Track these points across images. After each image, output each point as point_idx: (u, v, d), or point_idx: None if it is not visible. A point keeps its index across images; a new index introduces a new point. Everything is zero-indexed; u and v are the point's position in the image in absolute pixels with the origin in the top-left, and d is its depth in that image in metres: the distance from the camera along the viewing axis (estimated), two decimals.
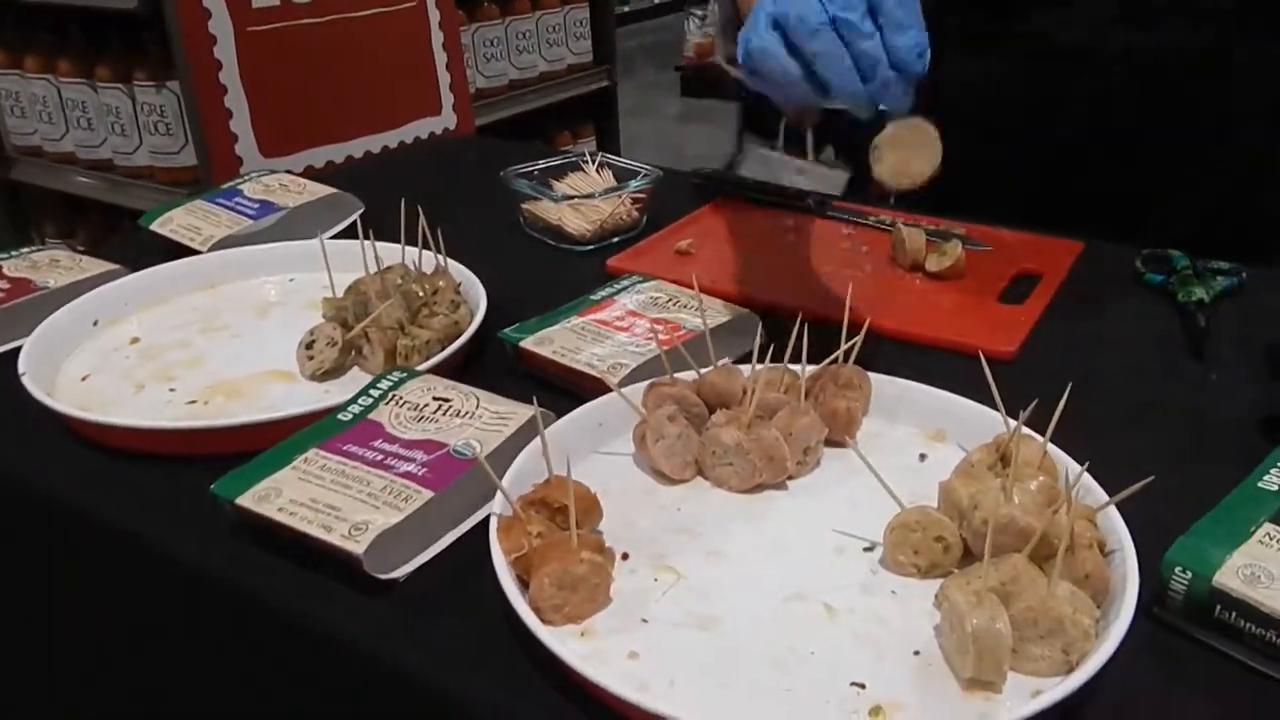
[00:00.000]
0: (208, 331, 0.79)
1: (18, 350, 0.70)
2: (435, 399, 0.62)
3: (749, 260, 0.89)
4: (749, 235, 0.95)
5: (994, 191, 0.96)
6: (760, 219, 0.98)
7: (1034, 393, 0.56)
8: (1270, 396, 0.69)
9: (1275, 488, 0.53)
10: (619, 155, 1.03)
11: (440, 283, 0.77)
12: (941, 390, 0.64)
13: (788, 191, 1.00)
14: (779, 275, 0.86)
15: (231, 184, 0.99)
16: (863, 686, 0.45)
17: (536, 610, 0.47)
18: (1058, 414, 0.55)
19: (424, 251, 0.79)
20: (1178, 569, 0.48)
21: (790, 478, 0.59)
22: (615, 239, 0.94)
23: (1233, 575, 0.47)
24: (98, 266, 0.84)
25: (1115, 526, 0.52)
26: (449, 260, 0.80)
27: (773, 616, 0.49)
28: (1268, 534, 0.50)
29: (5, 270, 0.82)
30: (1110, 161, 0.98)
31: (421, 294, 0.76)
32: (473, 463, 0.56)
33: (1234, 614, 0.47)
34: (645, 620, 0.49)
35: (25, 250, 0.87)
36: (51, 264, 0.84)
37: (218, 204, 0.94)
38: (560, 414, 0.61)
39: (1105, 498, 0.53)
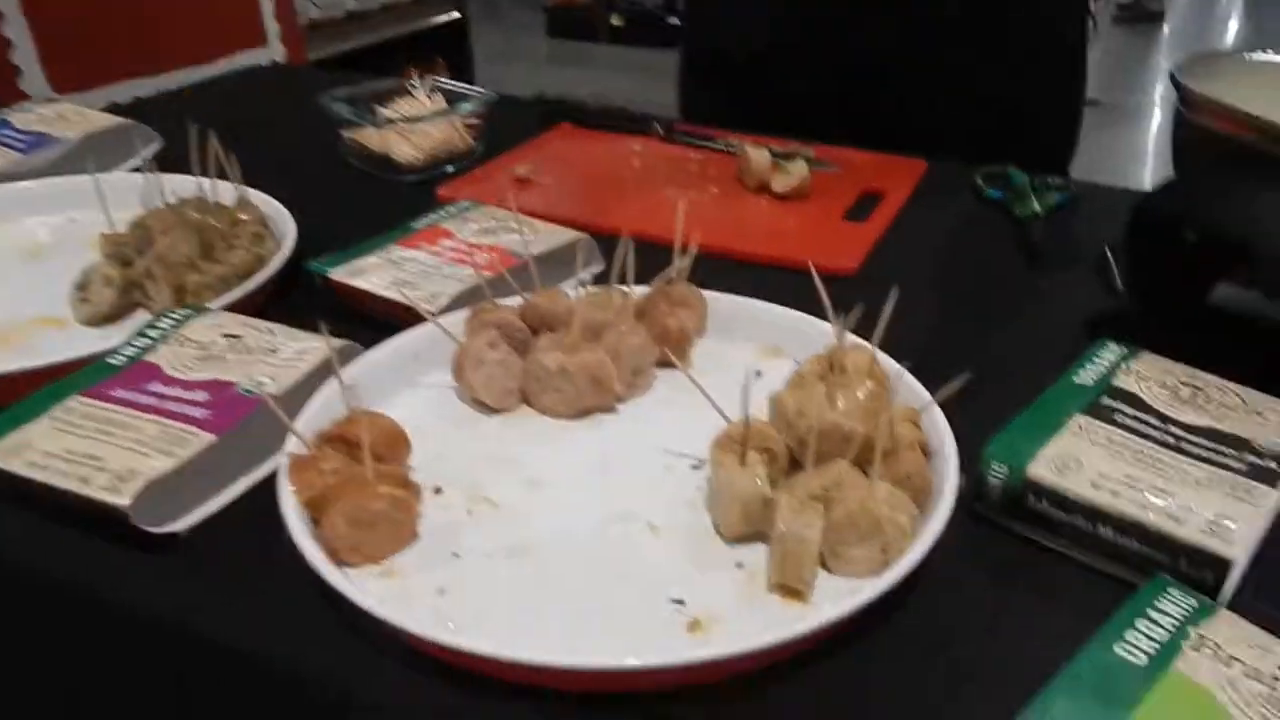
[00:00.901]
0: None
1: None
2: (225, 336, 0.57)
3: (590, 185, 0.86)
4: (592, 160, 0.92)
5: (840, 119, 0.96)
6: (605, 144, 0.95)
7: (876, 307, 0.55)
8: (1094, 301, 0.71)
9: (1090, 382, 0.54)
10: None
11: (242, 215, 0.71)
12: (777, 306, 0.63)
13: (633, 115, 0.98)
14: (620, 199, 0.84)
15: None
16: (682, 603, 0.44)
17: (332, 551, 0.44)
18: (884, 320, 0.54)
19: (221, 182, 0.73)
20: (994, 463, 0.48)
21: (620, 400, 0.57)
22: (450, 168, 0.89)
23: (1044, 466, 0.48)
24: None
25: (938, 428, 0.51)
26: (254, 192, 0.74)
27: (592, 540, 0.47)
28: (1079, 425, 0.50)
29: None
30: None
31: (219, 227, 0.69)
32: (259, 402, 0.51)
33: (1046, 503, 0.47)
34: (456, 555, 0.46)
35: None
36: None
37: None
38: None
39: (934, 407, 0.53)
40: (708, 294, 0.64)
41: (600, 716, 0.40)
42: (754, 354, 0.62)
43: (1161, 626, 0.38)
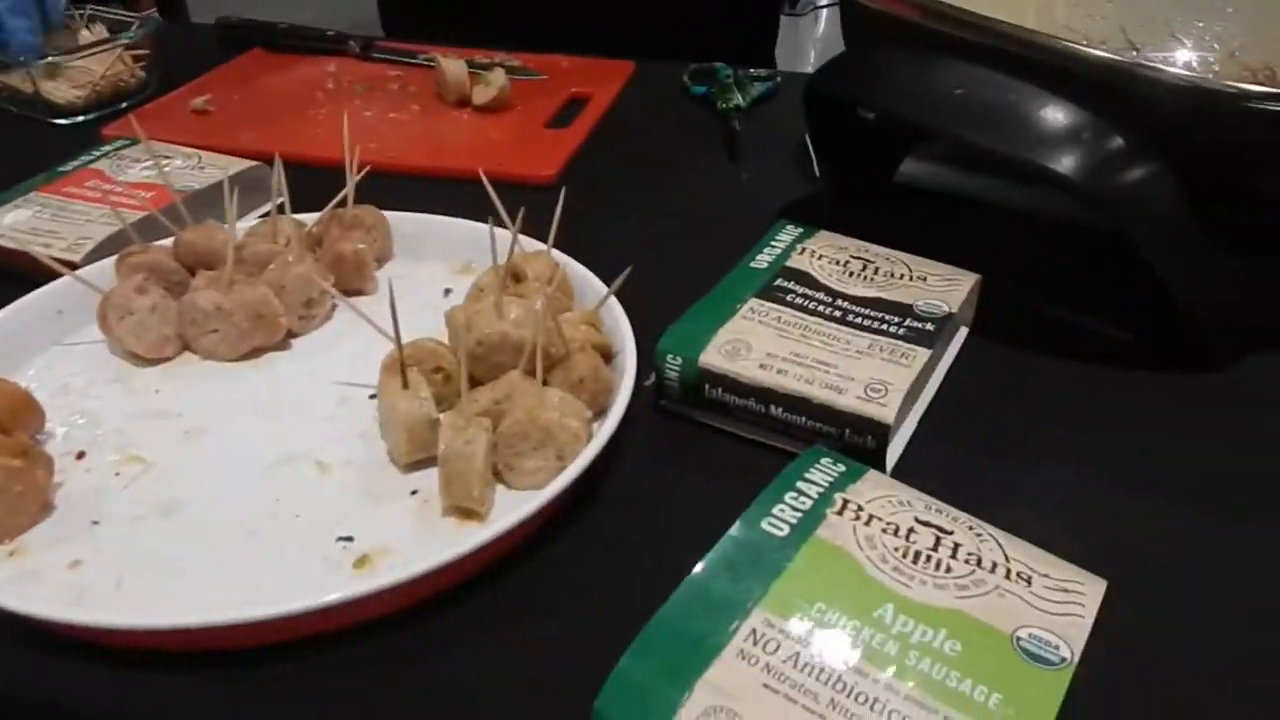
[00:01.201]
0: None
1: None
2: None
3: (279, 112, 0.80)
4: (283, 86, 0.85)
5: (547, 26, 0.93)
6: (300, 68, 0.89)
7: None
8: (795, 189, 0.72)
9: (765, 265, 0.55)
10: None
11: None
12: (465, 220, 0.61)
13: (327, 35, 0.91)
14: (311, 124, 0.78)
15: None
16: (351, 539, 0.42)
17: None
18: (555, 221, 0.53)
19: None
20: (669, 356, 0.48)
21: (293, 335, 0.54)
22: (123, 105, 0.81)
23: (716, 353, 0.48)
24: None
25: (619, 328, 0.51)
26: None
27: (254, 486, 0.44)
28: (751, 309, 0.51)
29: None
30: None
31: None
32: None
33: (720, 390, 0.48)
34: (96, 522, 0.42)
35: None
36: None
37: None
38: None
39: (614, 302, 0.52)
40: (394, 215, 0.61)
41: (272, 671, 0.37)
42: (445, 272, 0.60)
43: (808, 496, 0.39)
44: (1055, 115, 0.50)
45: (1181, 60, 0.58)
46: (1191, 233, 0.51)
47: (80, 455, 0.45)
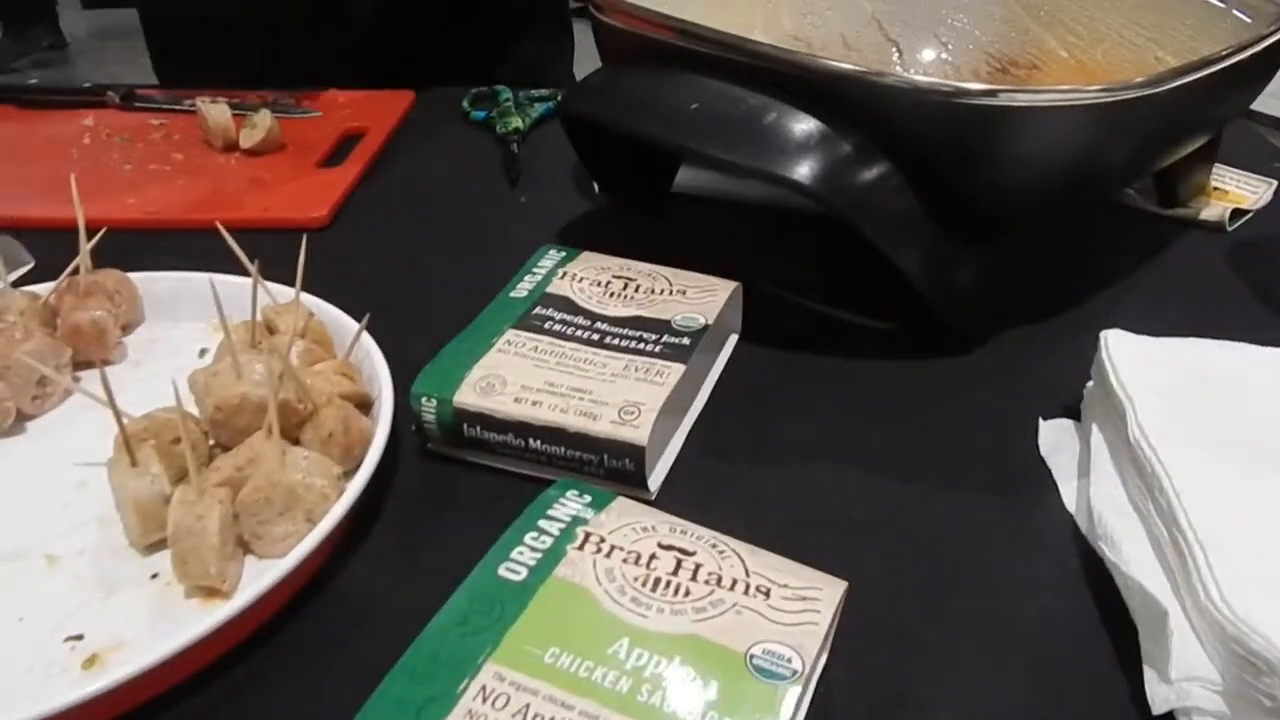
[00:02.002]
0: None
1: None
2: None
3: (28, 171, 0.75)
4: (33, 143, 0.80)
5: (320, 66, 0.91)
6: (53, 123, 0.84)
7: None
8: (576, 208, 0.72)
9: (525, 294, 0.54)
10: None
11: None
12: (221, 275, 0.58)
13: (82, 88, 0.87)
14: (59, 184, 0.74)
15: None
16: (80, 637, 0.39)
17: None
18: (301, 265, 0.51)
19: None
20: (424, 399, 0.47)
21: (28, 418, 0.50)
22: None
23: (470, 390, 0.47)
24: None
25: (378, 375, 0.49)
26: None
27: None
28: (508, 341, 0.50)
29: None
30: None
31: None
32: None
33: (479, 428, 0.47)
34: None
35: None
36: None
37: None
38: None
39: (371, 346, 0.51)
40: (142, 275, 0.58)
41: None
42: (203, 331, 0.57)
43: (549, 534, 0.39)
44: (786, 124, 0.51)
45: (929, 57, 0.61)
46: (925, 227, 0.53)
47: None
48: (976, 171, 0.52)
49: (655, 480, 0.47)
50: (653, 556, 0.38)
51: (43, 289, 0.55)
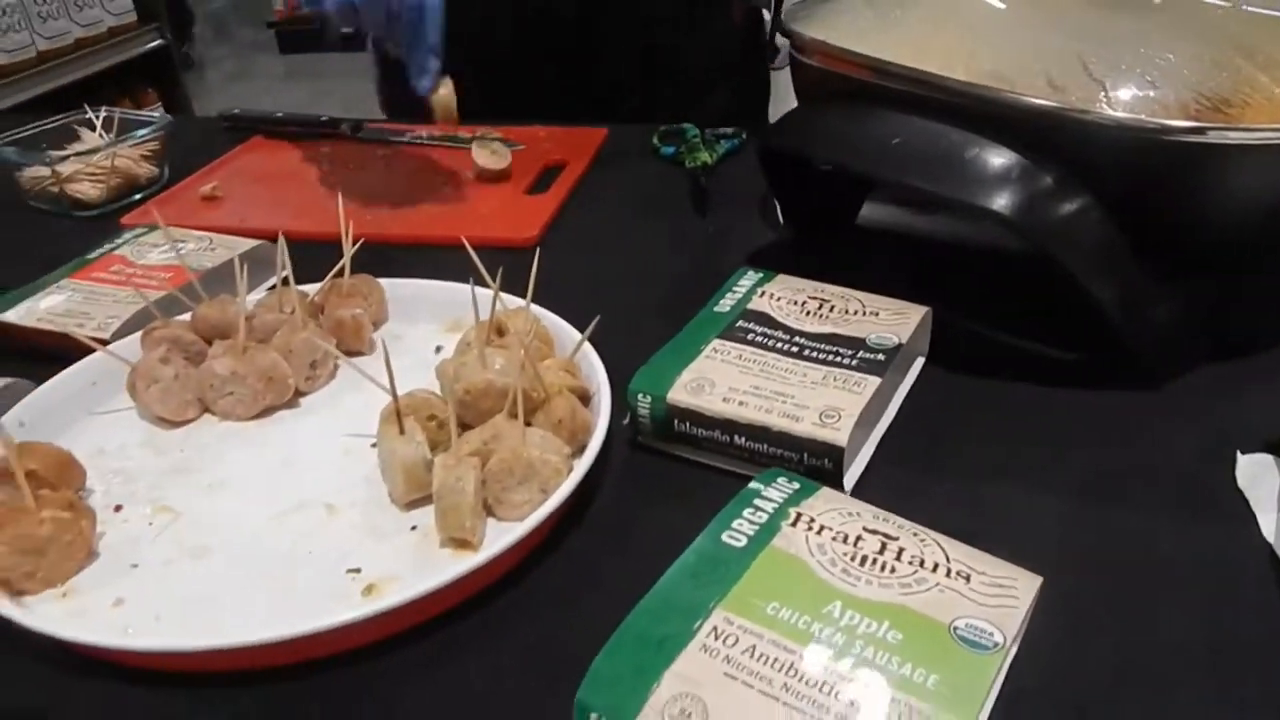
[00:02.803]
0: None
1: None
2: None
3: (279, 193, 0.86)
4: (281, 170, 0.92)
5: (523, 96, 1.00)
6: (297, 152, 0.95)
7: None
8: (760, 237, 0.78)
9: (727, 309, 0.60)
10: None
11: None
12: (452, 283, 0.66)
13: (319, 120, 0.98)
14: (307, 203, 0.84)
15: None
16: (358, 571, 0.46)
17: (3, 583, 0.44)
18: (532, 278, 0.58)
19: None
20: (640, 395, 0.53)
21: (302, 394, 0.59)
22: (137, 195, 0.87)
23: (681, 390, 0.53)
24: None
25: (595, 373, 0.56)
26: None
27: (271, 530, 0.49)
28: (714, 349, 0.56)
29: None
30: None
31: None
32: None
33: (688, 423, 0.52)
34: (135, 566, 0.47)
35: None
36: None
37: None
38: None
39: (589, 349, 0.57)
40: (388, 281, 0.66)
41: (285, 693, 0.42)
42: (436, 331, 0.65)
43: (764, 511, 0.44)
44: (987, 158, 0.54)
45: (1134, 95, 0.63)
46: (1122, 260, 0.55)
47: (118, 508, 0.50)
48: (1181, 208, 0.54)
49: (848, 482, 0.52)
50: (859, 538, 0.42)
51: (310, 288, 0.64)
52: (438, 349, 0.63)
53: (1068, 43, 0.56)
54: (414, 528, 0.49)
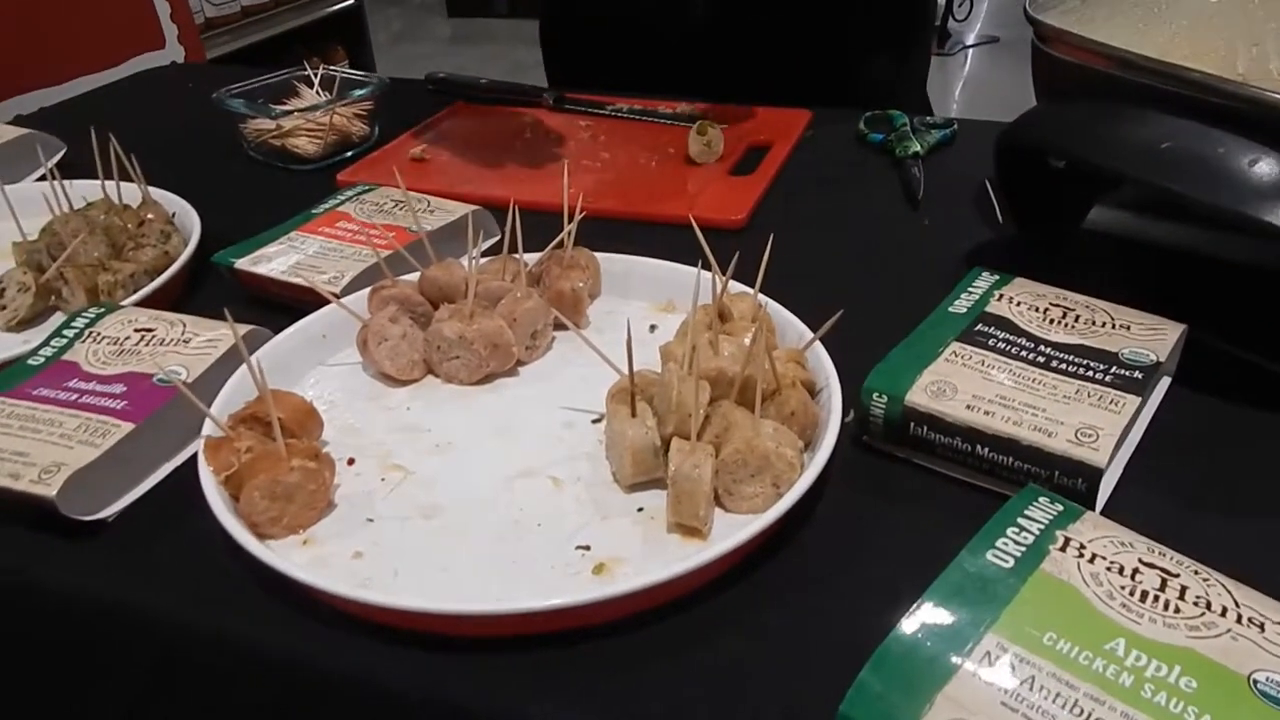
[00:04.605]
0: None
1: None
2: (138, 330, 0.58)
3: (484, 159, 0.87)
4: (485, 136, 0.92)
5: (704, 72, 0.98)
6: (498, 119, 0.96)
7: (763, 255, 0.57)
8: (976, 234, 0.74)
9: (964, 310, 0.57)
10: None
11: (148, 215, 0.72)
12: (667, 262, 0.65)
13: (523, 89, 0.98)
14: (514, 171, 0.85)
15: None
16: (587, 548, 0.46)
17: (252, 525, 0.46)
18: (763, 266, 0.56)
19: (125, 184, 0.74)
20: (875, 394, 0.51)
21: (521, 363, 0.59)
22: (348, 154, 0.89)
23: (921, 393, 0.50)
24: None
25: (823, 366, 0.54)
26: (159, 191, 0.75)
27: (499, 496, 0.49)
28: (954, 352, 0.53)
29: None
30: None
31: (128, 227, 0.71)
32: (175, 390, 0.52)
33: (925, 428, 0.50)
34: (370, 520, 0.48)
35: None
36: None
37: None
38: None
39: (819, 345, 0.55)
40: (602, 255, 0.66)
41: (514, 661, 0.42)
42: (649, 310, 0.64)
43: (1029, 532, 0.41)
44: (1268, 168, 0.50)
45: None
46: None
47: (351, 461, 0.51)
48: None
49: (1098, 506, 0.48)
50: (1135, 571, 0.39)
51: (529, 257, 0.63)
52: (653, 328, 0.62)
53: None
54: (640, 510, 0.48)
